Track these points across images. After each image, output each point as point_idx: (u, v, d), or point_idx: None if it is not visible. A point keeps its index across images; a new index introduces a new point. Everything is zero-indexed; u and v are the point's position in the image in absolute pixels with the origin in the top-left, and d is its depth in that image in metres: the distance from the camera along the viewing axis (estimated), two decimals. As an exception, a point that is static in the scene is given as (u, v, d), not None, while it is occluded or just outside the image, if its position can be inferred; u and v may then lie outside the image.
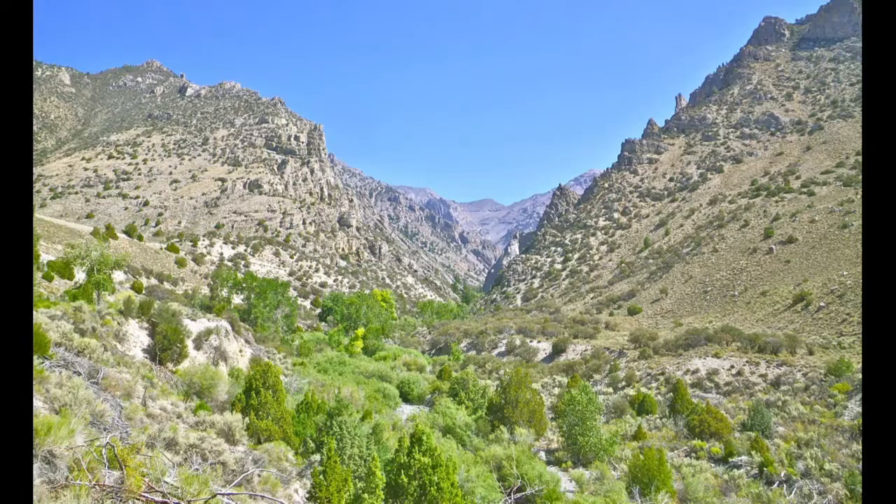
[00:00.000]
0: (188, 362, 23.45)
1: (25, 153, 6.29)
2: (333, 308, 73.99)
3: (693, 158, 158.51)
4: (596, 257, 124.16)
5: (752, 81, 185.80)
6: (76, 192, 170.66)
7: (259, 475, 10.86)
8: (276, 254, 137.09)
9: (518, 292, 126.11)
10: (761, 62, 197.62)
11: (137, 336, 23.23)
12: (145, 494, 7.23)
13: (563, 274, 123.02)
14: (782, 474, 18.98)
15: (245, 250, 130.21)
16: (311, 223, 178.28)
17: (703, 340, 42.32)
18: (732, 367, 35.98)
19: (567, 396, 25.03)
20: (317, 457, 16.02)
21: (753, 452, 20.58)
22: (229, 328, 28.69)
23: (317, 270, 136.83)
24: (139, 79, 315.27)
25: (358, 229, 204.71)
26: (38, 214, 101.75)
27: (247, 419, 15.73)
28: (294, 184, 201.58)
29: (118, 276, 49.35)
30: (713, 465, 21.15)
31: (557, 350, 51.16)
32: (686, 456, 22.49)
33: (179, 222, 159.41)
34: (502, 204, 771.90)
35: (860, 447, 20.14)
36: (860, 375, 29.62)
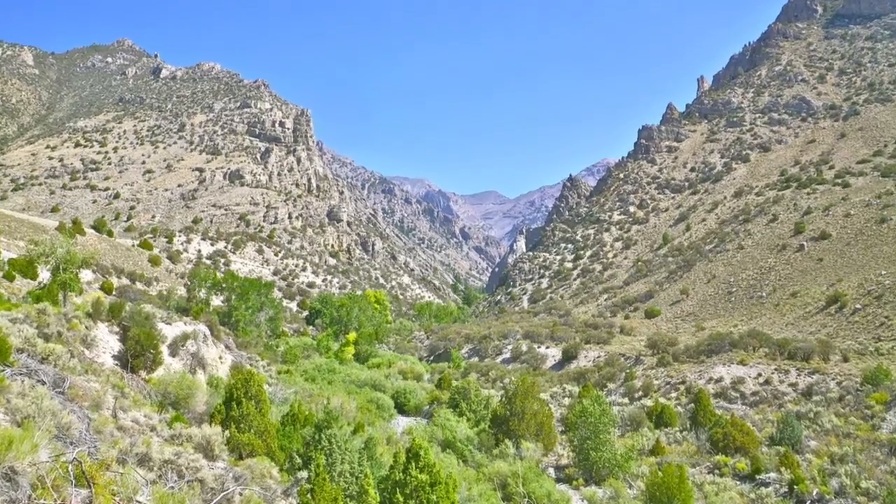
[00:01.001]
0: (163, 370, 23.47)
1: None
2: (322, 310, 74.21)
3: (716, 146, 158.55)
4: (610, 255, 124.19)
5: (781, 62, 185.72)
6: (40, 184, 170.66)
7: (241, 494, 10.85)
8: (260, 251, 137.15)
9: (524, 293, 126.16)
10: (791, 41, 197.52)
11: (107, 341, 23.22)
12: (116, 515, 7.22)
13: (574, 273, 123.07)
14: (814, 493, 19.00)
15: (225, 247, 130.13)
16: (297, 217, 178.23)
17: (728, 346, 42.52)
18: (759, 375, 36.02)
19: (578, 407, 25.17)
20: (304, 474, 15.93)
21: (783, 469, 20.61)
22: (208, 333, 28.81)
23: (304, 269, 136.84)
24: (109, 59, 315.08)
25: (349, 224, 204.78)
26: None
27: (227, 432, 15.73)
28: (279, 174, 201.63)
29: (86, 275, 49.45)
30: (738, 482, 21.17)
31: (568, 357, 51.48)
32: (709, 473, 22.52)
33: (153, 216, 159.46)
34: (507, 196, 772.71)
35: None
36: (899, 384, 29.57)
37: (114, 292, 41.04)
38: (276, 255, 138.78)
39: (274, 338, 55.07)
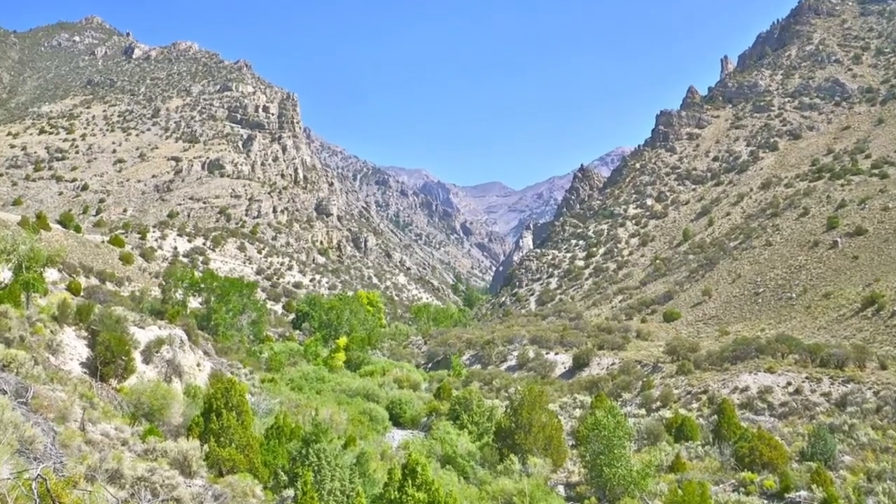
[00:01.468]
0: (135, 378, 23.57)
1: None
2: (310, 313, 74.44)
3: (742, 133, 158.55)
4: (625, 252, 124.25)
5: (813, 41, 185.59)
6: (0, 175, 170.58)
7: (221, 514, 10.83)
8: (242, 248, 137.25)
9: (532, 294, 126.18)
10: (824, 18, 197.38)
11: (74, 347, 23.25)
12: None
13: (586, 272, 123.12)
14: (849, 512, 18.94)
15: (204, 244, 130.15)
16: (283, 211, 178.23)
17: (754, 352, 42.68)
18: (789, 384, 36.16)
19: (591, 419, 25.11)
20: (290, 492, 16.04)
21: (815, 487, 20.57)
22: (185, 337, 29.36)
23: (290, 268, 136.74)
24: (76, 38, 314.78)
25: (339, 218, 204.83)
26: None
27: (206, 447, 15.76)
28: (263, 164, 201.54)
29: (51, 274, 49.46)
30: (766, 501, 21.11)
31: (579, 364, 51.91)
32: (733, 491, 22.44)
33: (125, 210, 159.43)
34: (513, 188, 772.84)
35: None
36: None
37: (82, 293, 41.09)
38: (259, 252, 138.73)
39: (257, 343, 55.15)
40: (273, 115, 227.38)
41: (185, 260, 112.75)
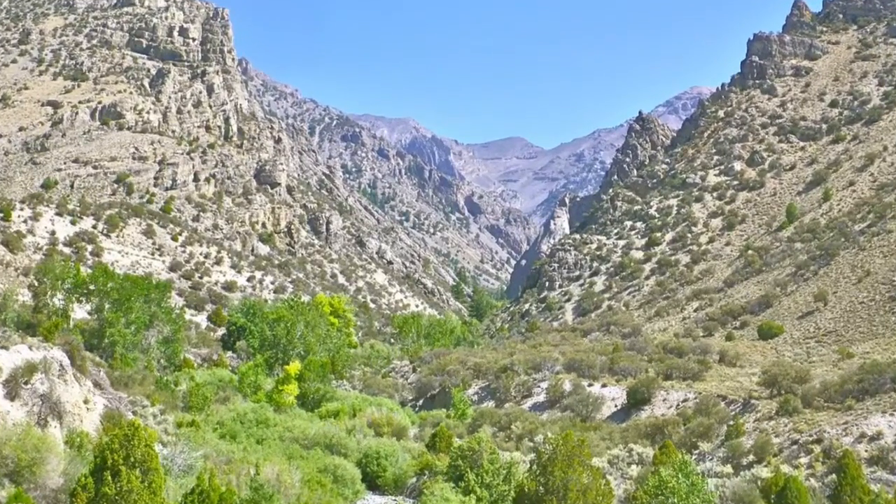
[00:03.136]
0: (-6, 421, 23.35)
1: None
2: (248, 327, 73.90)
3: (872, 67, 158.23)
4: (703, 239, 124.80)
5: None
6: None
7: None
8: (149, 232, 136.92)
9: (568, 299, 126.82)
10: None
11: None
12: None
13: (647, 268, 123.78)
14: None
15: (94, 227, 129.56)
16: (208, 179, 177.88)
17: (890, 383, 42.26)
18: (941, 429, 35.86)
19: (653, 480, 25.25)
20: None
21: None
22: (67, 362, 28.70)
23: (219, 262, 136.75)
24: None
25: (290, 190, 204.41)
26: None
27: (97, 521, 15.72)
28: (179, 111, 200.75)
29: None
30: None
31: (636, 400, 51.94)
32: (860, 583, 22.50)
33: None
34: (540, 146, 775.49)
35: None
36: None
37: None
38: (174, 239, 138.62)
39: (171, 370, 54.66)
40: (194, 41, 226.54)
41: (67, 250, 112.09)
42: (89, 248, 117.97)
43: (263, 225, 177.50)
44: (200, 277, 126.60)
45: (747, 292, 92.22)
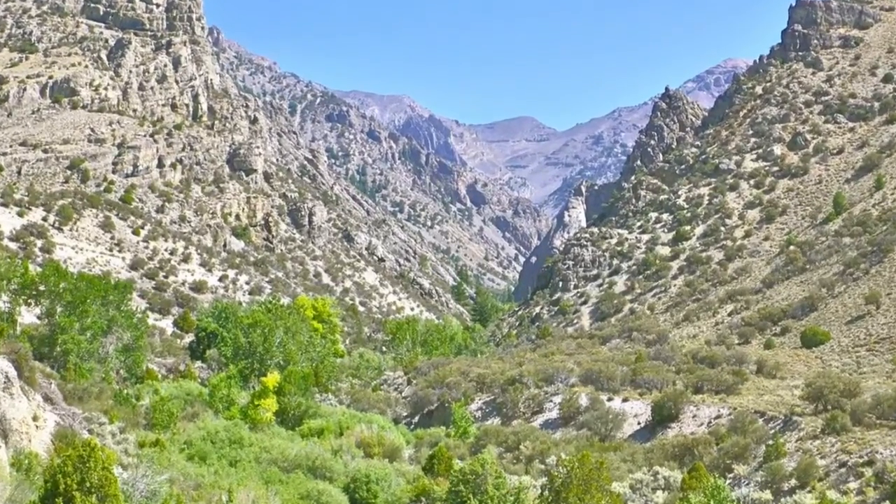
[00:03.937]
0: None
1: None
2: (220, 334, 74.97)
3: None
4: (738, 232, 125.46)
5: None
6: None
7: None
8: (107, 226, 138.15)
9: (584, 301, 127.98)
10: None
11: None
12: None
13: (675, 266, 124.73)
14: None
15: (45, 219, 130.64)
16: (174, 165, 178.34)
17: (951, 397, 42.60)
18: None
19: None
20: None
21: None
22: (13, 373, 28.97)
23: (186, 259, 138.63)
24: None
25: (268, 177, 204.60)
26: None
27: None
28: (141, 88, 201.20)
29: None
30: None
31: (663, 417, 52.23)
32: None
33: None
34: (553, 128, 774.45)
35: None
36: None
37: None
38: (136, 233, 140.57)
39: (132, 382, 55.87)
40: (158, 6, 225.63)
41: (13, 245, 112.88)
42: (39, 243, 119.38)
43: (237, 217, 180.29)
44: (165, 277, 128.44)
45: (789, 294, 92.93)
